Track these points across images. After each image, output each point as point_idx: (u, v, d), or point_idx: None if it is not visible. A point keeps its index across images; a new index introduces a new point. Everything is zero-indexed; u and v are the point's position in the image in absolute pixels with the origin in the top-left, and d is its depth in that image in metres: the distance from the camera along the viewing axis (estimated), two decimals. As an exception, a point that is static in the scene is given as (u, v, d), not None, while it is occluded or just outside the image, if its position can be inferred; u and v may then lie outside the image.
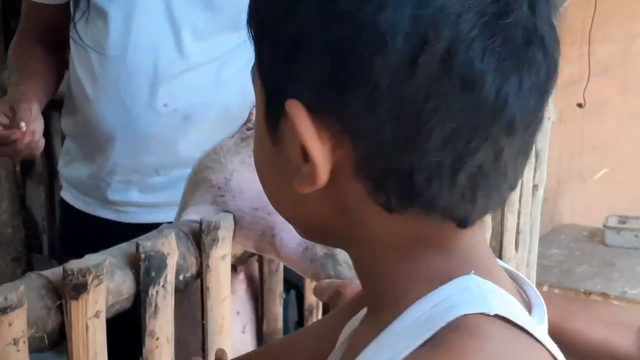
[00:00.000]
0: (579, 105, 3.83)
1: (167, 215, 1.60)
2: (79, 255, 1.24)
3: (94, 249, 1.53)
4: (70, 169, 1.72)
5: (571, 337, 1.10)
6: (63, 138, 3.45)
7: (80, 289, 0.97)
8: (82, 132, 1.67)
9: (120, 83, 1.56)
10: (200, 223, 1.16)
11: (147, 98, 1.56)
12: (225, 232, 1.17)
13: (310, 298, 1.46)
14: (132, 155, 1.59)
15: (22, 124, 1.42)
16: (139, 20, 1.54)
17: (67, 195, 1.72)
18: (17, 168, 3.44)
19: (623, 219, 3.81)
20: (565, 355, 0.65)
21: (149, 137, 1.57)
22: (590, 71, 3.92)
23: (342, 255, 1.15)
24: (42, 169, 3.38)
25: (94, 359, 1.01)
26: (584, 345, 1.09)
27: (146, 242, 1.07)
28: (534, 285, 0.73)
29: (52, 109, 3.27)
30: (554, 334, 1.13)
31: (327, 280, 1.13)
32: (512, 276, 0.69)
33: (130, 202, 1.62)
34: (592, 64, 3.99)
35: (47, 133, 3.61)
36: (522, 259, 2.21)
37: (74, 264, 0.98)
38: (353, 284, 1.11)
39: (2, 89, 3.29)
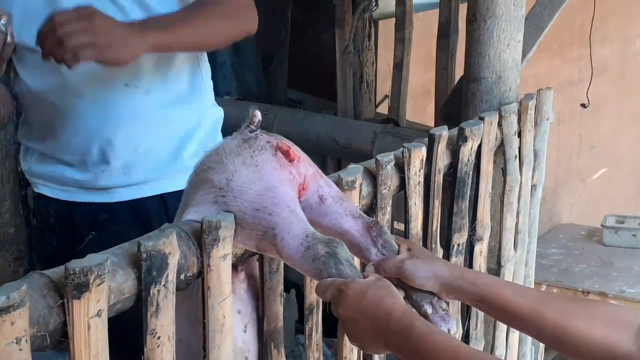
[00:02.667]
0: (583, 105, 3.84)
1: (151, 189, 1.71)
2: (74, 241, 1.26)
3: (84, 233, 1.56)
4: (45, 166, 1.74)
5: (572, 337, 1.11)
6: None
7: (82, 288, 0.98)
8: (59, 144, 1.70)
9: (82, 74, 1.59)
10: (202, 223, 1.16)
11: (109, 82, 1.61)
12: (226, 232, 1.17)
13: (311, 297, 1.46)
14: (112, 141, 1.65)
15: None
16: None
17: (46, 190, 1.75)
18: (19, 168, 3.44)
19: (621, 219, 3.82)
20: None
21: (123, 120, 1.64)
22: (592, 72, 3.94)
23: (343, 253, 1.15)
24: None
25: (96, 358, 1.02)
26: (584, 344, 1.10)
27: (147, 242, 1.08)
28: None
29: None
30: (555, 333, 1.14)
31: (329, 279, 1.13)
32: None
33: (116, 184, 1.68)
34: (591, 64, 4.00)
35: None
36: (521, 258, 2.21)
37: (76, 264, 0.98)
38: (355, 283, 1.12)
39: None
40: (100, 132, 1.64)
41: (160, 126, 1.68)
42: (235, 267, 1.28)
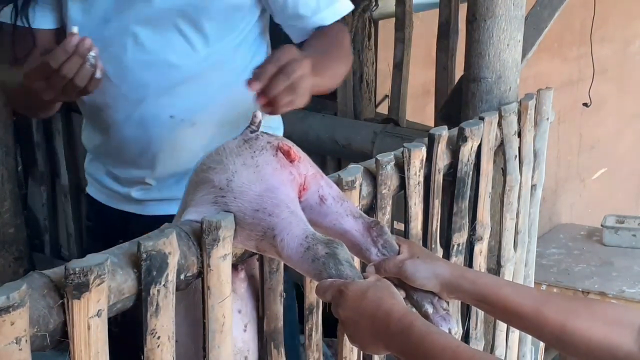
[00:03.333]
0: (585, 104, 3.84)
1: None
2: (107, 245, 1.26)
3: (118, 239, 1.58)
4: (93, 168, 1.78)
5: (572, 336, 1.11)
6: (65, 137, 3.46)
7: (82, 288, 0.98)
8: (103, 155, 1.74)
9: (130, 100, 1.61)
10: (201, 223, 1.16)
11: (155, 111, 1.61)
12: (226, 232, 1.17)
13: (311, 297, 1.46)
14: (153, 165, 1.67)
15: (74, 28, 1.37)
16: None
17: (92, 189, 1.79)
18: (19, 168, 3.44)
19: (621, 219, 3.82)
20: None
21: (166, 149, 1.64)
22: (593, 71, 3.94)
23: (343, 254, 1.15)
24: (44, 168, 3.39)
25: (96, 357, 1.02)
26: (585, 343, 1.10)
27: (147, 242, 1.08)
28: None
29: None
30: (556, 332, 1.14)
31: (329, 280, 1.13)
32: None
33: (149, 199, 1.71)
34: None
35: (48, 133, 3.63)
36: (521, 258, 2.21)
37: (75, 264, 0.98)
38: (355, 283, 1.12)
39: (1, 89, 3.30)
40: (142, 157, 1.65)
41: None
42: (235, 267, 1.28)
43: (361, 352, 1.58)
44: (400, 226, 1.76)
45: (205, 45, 1.61)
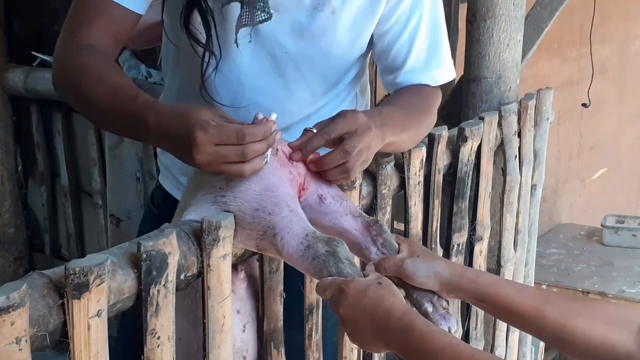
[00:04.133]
0: (584, 105, 3.83)
1: None
2: None
3: None
4: (169, 158, 1.70)
5: (572, 336, 1.11)
6: (65, 137, 3.45)
7: (82, 288, 0.98)
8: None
9: None
10: (201, 223, 1.16)
11: None
12: (226, 232, 1.17)
13: (311, 297, 1.46)
14: None
15: (273, 115, 1.24)
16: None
17: (165, 182, 1.74)
18: (19, 168, 3.44)
19: (621, 219, 3.82)
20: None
21: None
22: (593, 71, 3.93)
23: (343, 252, 1.15)
24: (44, 168, 3.39)
25: (96, 357, 1.02)
26: (585, 343, 1.10)
27: (147, 242, 1.08)
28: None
29: (54, 109, 3.28)
30: (556, 332, 1.14)
31: (329, 278, 1.13)
32: None
33: None
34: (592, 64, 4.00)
35: (49, 133, 3.62)
36: (521, 258, 2.22)
37: (75, 264, 0.98)
38: (355, 282, 1.12)
39: (4, 91, 3.30)
40: None
41: None
42: (235, 267, 1.28)
43: (361, 351, 1.58)
44: (400, 226, 1.76)
45: (325, 93, 1.58)
